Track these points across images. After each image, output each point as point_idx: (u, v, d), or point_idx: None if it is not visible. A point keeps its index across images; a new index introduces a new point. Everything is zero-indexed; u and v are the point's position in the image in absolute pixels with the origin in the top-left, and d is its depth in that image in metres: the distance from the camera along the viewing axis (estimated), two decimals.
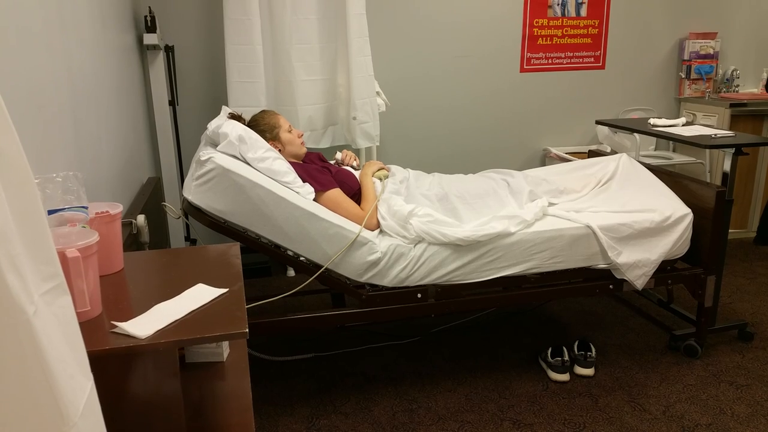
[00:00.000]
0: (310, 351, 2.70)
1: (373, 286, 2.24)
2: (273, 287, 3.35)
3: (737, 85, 4.17)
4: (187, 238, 3.32)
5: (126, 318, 1.08)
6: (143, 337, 1.03)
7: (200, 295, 1.20)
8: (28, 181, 0.66)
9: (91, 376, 0.74)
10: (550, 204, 2.50)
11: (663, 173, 2.70)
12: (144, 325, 1.06)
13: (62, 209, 1.18)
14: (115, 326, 1.05)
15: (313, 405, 2.33)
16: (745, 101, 3.83)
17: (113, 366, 1.14)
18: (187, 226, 3.25)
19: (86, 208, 1.23)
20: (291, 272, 3.56)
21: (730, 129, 3.54)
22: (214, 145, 2.19)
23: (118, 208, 1.34)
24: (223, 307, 1.15)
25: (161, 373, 1.21)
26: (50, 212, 1.17)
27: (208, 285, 1.23)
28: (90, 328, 1.07)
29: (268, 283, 3.45)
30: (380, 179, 2.46)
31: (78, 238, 1.09)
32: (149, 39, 2.91)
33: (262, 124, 2.40)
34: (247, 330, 1.07)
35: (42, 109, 1.41)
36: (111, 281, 1.28)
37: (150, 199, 2.41)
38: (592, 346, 2.56)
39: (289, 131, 2.43)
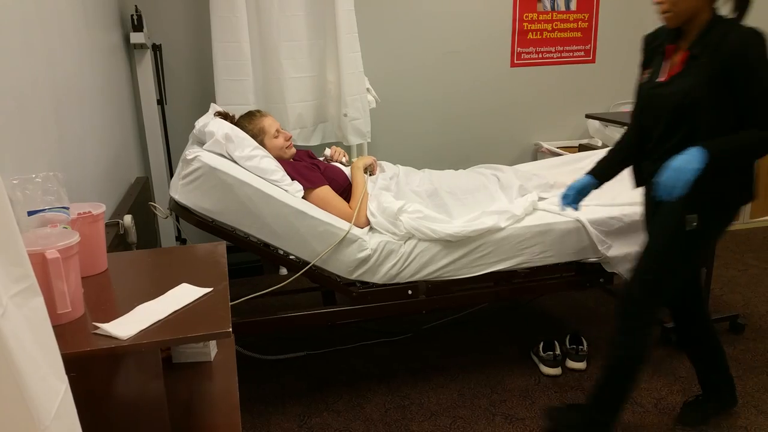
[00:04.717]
0: (301, 349, 2.69)
1: (364, 284, 2.24)
2: (264, 286, 3.30)
3: None
4: (178, 238, 3.30)
5: (109, 319, 1.07)
6: (125, 338, 1.02)
7: (184, 294, 1.19)
8: None
9: (65, 378, 0.73)
10: (541, 198, 2.49)
11: None
12: (126, 326, 1.05)
13: (42, 210, 1.17)
14: (97, 327, 1.04)
15: (304, 403, 2.32)
16: None
17: (95, 367, 1.13)
18: (178, 226, 3.23)
19: (67, 208, 1.22)
20: (284, 271, 3.54)
21: None
22: (201, 143, 2.18)
23: (100, 209, 1.33)
24: (206, 307, 1.14)
25: (144, 374, 1.20)
26: (30, 213, 1.16)
27: (192, 284, 1.22)
28: (71, 329, 1.06)
29: (259, 281, 3.42)
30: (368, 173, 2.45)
31: (58, 239, 1.08)
32: (136, 38, 2.89)
33: (246, 130, 2.31)
34: (231, 329, 1.07)
35: (21, 108, 1.40)
36: (94, 282, 1.27)
37: (138, 198, 2.40)
38: (583, 339, 2.56)
39: (276, 136, 2.37)
